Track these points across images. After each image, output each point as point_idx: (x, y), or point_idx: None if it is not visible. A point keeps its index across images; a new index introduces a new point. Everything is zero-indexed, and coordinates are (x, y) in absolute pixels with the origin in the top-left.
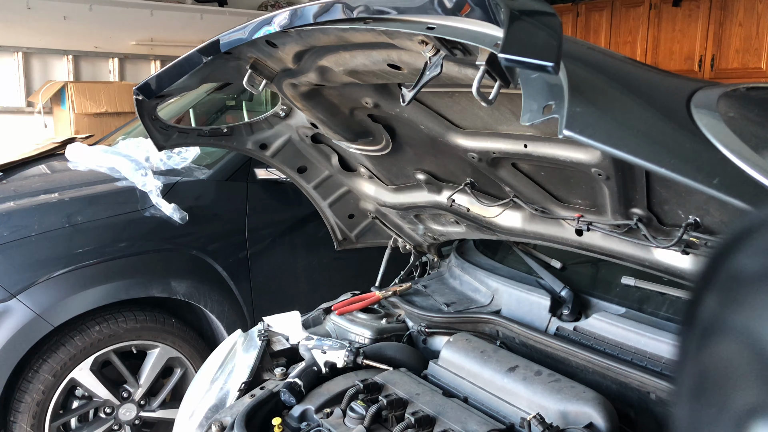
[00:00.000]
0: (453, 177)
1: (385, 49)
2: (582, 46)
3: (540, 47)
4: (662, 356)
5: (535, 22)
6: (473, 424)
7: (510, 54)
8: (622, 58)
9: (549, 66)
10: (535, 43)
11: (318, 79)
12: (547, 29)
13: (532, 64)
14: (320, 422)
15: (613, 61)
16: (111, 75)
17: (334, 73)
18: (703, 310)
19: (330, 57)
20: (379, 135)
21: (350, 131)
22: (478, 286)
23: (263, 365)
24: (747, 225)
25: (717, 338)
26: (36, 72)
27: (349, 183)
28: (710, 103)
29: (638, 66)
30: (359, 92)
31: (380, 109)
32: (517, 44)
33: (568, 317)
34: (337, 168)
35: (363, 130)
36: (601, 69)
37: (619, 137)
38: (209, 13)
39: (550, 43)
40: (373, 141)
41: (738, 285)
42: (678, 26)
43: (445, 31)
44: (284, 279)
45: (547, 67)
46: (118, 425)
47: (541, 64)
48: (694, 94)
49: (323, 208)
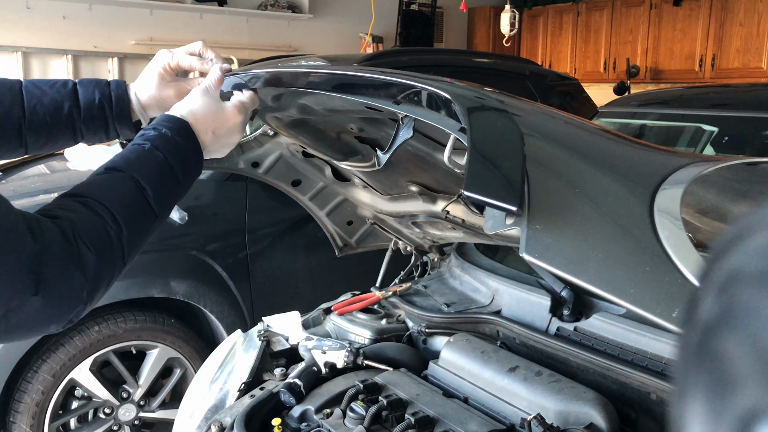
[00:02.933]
0: (446, 188)
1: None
2: (544, 131)
3: (502, 188)
4: (663, 357)
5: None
6: (474, 425)
7: (472, 193)
8: (591, 138)
9: (512, 210)
10: (496, 184)
11: (299, 114)
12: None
13: (494, 204)
14: (320, 423)
15: (578, 150)
16: (110, 74)
17: (314, 109)
18: (703, 310)
19: (308, 98)
20: (368, 154)
21: (339, 152)
22: (478, 287)
23: (263, 366)
24: (747, 224)
25: (717, 339)
26: (35, 72)
27: (345, 192)
28: (673, 205)
29: (606, 146)
30: (343, 119)
31: (366, 132)
32: (478, 183)
33: (568, 317)
34: (332, 179)
35: (351, 150)
36: (563, 168)
37: (577, 265)
38: (209, 12)
39: (513, 180)
40: (362, 159)
41: (738, 285)
42: (678, 26)
43: (412, 113)
44: (284, 279)
45: (510, 210)
46: (118, 425)
47: (503, 207)
48: (658, 192)
49: (321, 217)
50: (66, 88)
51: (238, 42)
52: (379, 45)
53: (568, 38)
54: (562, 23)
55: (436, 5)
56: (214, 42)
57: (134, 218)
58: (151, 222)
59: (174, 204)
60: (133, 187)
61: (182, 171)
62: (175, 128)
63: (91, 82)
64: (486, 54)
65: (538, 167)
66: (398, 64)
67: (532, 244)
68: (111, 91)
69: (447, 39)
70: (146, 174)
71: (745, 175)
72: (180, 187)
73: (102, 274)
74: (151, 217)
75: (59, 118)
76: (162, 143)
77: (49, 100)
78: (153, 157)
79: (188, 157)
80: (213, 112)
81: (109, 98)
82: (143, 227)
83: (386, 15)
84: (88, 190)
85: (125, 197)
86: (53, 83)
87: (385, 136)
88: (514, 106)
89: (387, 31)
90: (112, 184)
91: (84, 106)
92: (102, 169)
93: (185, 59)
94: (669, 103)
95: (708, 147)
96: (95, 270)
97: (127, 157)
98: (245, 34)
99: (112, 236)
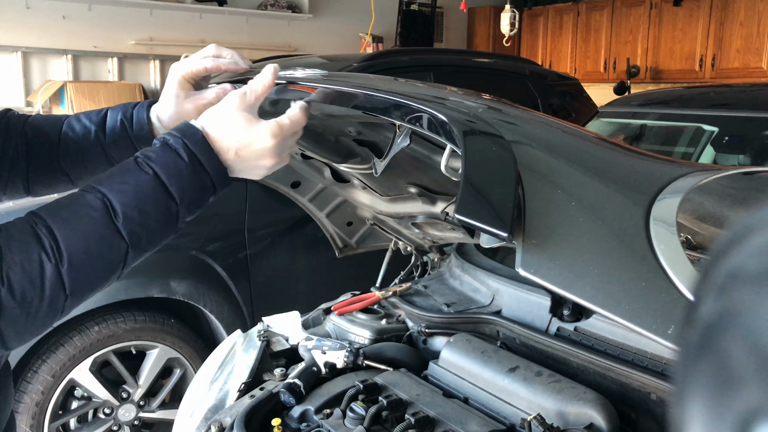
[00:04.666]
0: (446, 189)
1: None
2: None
3: (494, 213)
4: (663, 357)
5: (491, 180)
6: (474, 425)
7: (463, 216)
8: (589, 147)
9: (502, 236)
10: (488, 208)
11: None
12: (503, 187)
13: (485, 229)
14: (320, 423)
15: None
16: (110, 74)
17: (312, 114)
18: (703, 310)
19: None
20: (367, 156)
21: (337, 155)
22: (478, 287)
23: (263, 366)
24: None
25: (717, 339)
26: (35, 71)
27: (344, 193)
28: (669, 218)
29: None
30: (341, 123)
31: (364, 135)
32: (470, 207)
33: (568, 317)
34: (331, 180)
35: (350, 152)
36: (560, 180)
37: (573, 280)
38: (209, 12)
39: (505, 205)
40: (361, 161)
41: (738, 285)
42: (679, 26)
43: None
44: (284, 279)
45: (501, 236)
46: (118, 426)
47: (494, 233)
48: (655, 203)
49: (321, 218)
50: (99, 114)
51: (238, 42)
52: (379, 45)
53: (568, 38)
54: (562, 23)
55: (436, 5)
56: (214, 42)
57: (85, 249)
58: (116, 254)
59: (166, 230)
60: (99, 207)
61: (179, 189)
62: (189, 140)
63: (120, 106)
64: (486, 54)
65: (535, 178)
66: (398, 64)
67: (528, 259)
68: (133, 112)
69: (447, 39)
70: (119, 191)
71: (741, 184)
72: (175, 209)
73: (14, 313)
74: (116, 247)
75: (88, 142)
76: (160, 155)
77: (81, 126)
78: (137, 170)
79: (195, 174)
80: (238, 128)
81: (130, 119)
82: (98, 260)
83: (386, 15)
84: (46, 209)
85: (81, 220)
86: (92, 112)
87: (383, 139)
88: (511, 115)
89: (387, 31)
90: (70, 203)
91: (108, 128)
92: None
93: (197, 63)
94: (669, 103)
95: (708, 147)
96: (6, 305)
97: (110, 172)
98: (245, 34)
99: (45, 268)
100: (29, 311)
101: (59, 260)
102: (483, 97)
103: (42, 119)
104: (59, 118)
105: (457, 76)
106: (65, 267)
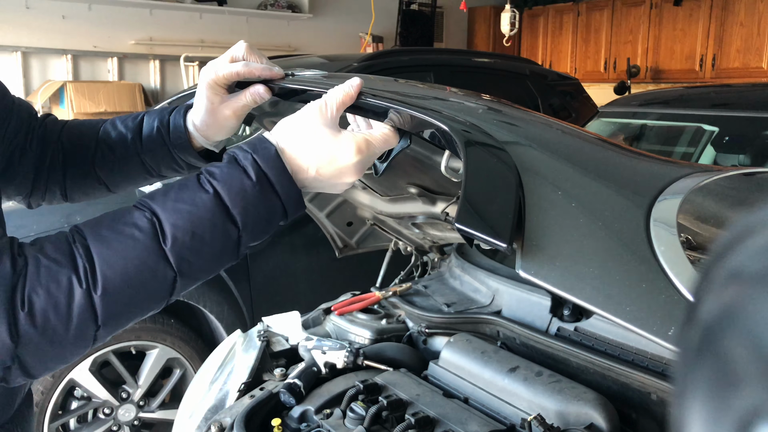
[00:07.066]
0: (446, 189)
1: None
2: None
3: (494, 223)
4: (664, 357)
5: (492, 190)
6: (474, 425)
7: (464, 226)
8: (589, 148)
9: (502, 247)
10: (488, 218)
11: None
12: (504, 198)
13: (485, 240)
14: (320, 423)
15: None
16: (110, 74)
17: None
18: (704, 310)
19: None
20: None
21: None
22: (478, 287)
23: (263, 366)
24: (747, 225)
25: (717, 339)
26: (35, 71)
27: (344, 194)
28: (670, 219)
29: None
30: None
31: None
32: (471, 217)
33: (569, 318)
34: None
35: None
36: (561, 181)
37: (573, 282)
38: (208, 12)
39: (505, 216)
40: None
41: (738, 285)
42: (679, 25)
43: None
44: (284, 279)
45: (500, 247)
46: (117, 426)
47: (494, 243)
48: (655, 204)
49: (321, 218)
50: (135, 120)
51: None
52: (379, 45)
53: (568, 38)
54: (563, 23)
55: (436, 5)
56: (213, 42)
57: (123, 274)
58: (160, 282)
59: (223, 258)
60: (146, 228)
61: (242, 213)
62: (260, 156)
63: (156, 111)
64: (486, 54)
65: (535, 180)
66: (398, 64)
67: (528, 261)
68: (170, 118)
69: (447, 39)
70: (172, 210)
71: (742, 185)
72: (236, 235)
73: (34, 341)
74: (161, 275)
75: (125, 150)
76: (224, 172)
77: (117, 133)
78: (196, 187)
79: (263, 195)
80: (320, 144)
81: (166, 126)
82: (138, 288)
83: (386, 15)
84: (90, 225)
85: (123, 241)
86: (128, 117)
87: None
88: (511, 116)
89: (387, 31)
90: (114, 220)
91: (145, 136)
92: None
93: (229, 68)
94: (669, 103)
95: (708, 147)
96: (25, 332)
97: (168, 186)
98: (245, 34)
99: (74, 294)
100: (53, 340)
101: (92, 286)
102: (483, 98)
103: (78, 124)
104: (95, 123)
105: (457, 76)
106: (98, 294)
